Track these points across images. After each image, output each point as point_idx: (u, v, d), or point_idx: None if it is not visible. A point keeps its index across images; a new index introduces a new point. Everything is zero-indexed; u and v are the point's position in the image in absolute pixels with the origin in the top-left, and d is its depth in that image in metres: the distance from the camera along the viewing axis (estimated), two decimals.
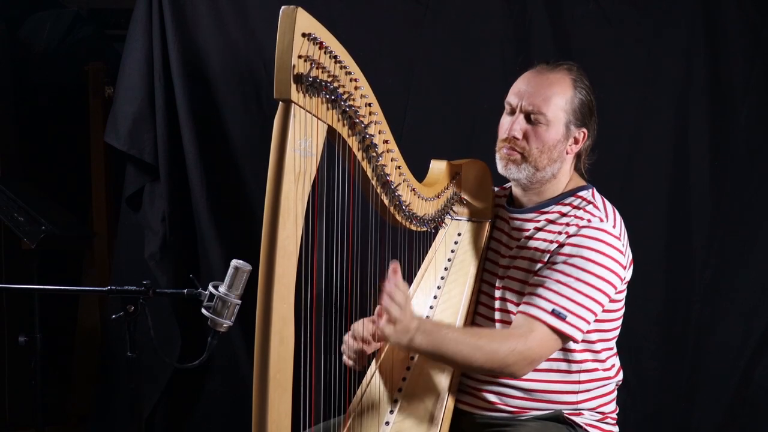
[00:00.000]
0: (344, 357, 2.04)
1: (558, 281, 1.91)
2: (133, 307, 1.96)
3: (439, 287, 2.15)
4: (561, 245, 1.95)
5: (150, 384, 3.11)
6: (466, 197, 2.21)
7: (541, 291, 1.92)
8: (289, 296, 1.56)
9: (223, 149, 3.06)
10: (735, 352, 2.92)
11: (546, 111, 1.98)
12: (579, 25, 2.94)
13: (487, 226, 2.18)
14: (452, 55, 3.00)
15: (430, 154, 2.23)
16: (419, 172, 2.20)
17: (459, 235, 2.22)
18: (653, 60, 2.91)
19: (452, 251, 2.20)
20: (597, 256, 1.91)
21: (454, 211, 2.23)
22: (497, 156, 2.06)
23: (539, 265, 1.97)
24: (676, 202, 2.93)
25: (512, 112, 2.03)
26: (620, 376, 2.11)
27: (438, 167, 2.18)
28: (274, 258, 1.53)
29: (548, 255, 1.96)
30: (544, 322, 1.90)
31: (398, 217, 2.01)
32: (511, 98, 2.04)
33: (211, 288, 1.92)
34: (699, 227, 2.92)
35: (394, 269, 1.78)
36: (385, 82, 2.99)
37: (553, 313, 1.89)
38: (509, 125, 2.02)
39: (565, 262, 1.92)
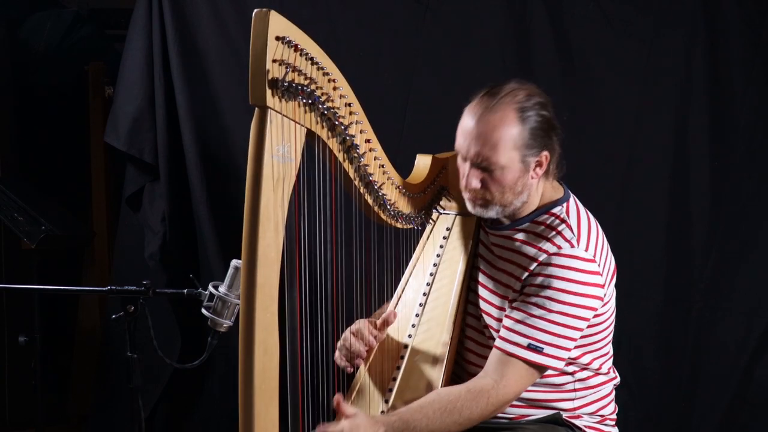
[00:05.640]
0: (337, 356, 2.01)
1: (532, 315, 1.88)
2: (133, 307, 1.96)
3: (428, 284, 2.13)
4: (532, 274, 1.91)
5: (150, 384, 3.11)
6: (453, 191, 2.18)
7: (515, 326, 1.89)
8: (272, 305, 1.54)
9: (223, 149, 3.06)
10: (735, 352, 2.92)
11: (496, 159, 1.89)
12: (579, 25, 2.94)
13: (475, 219, 2.13)
14: (452, 55, 3.00)
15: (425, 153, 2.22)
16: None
17: (447, 230, 2.19)
18: (653, 60, 2.91)
19: (441, 247, 2.17)
20: (570, 286, 1.87)
21: (441, 206, 2.20)
22: (464, 197, 2.00)
23: (512, 293, 1.95)
24: (676, 203, 2.93)
25: (465, 159, 1.95)
26: (618, 378, 2.11)
27: (423, 162, 2.15)
28: (255, 267, 1.51)
29: (521, 283, 1.93)
30: (521, 358, 1.88)
31: (384, 216, 1.99)
32: (459, 145, 1.95)
33: (211, 288, 1.92)
34: (699, 227, 2.92)
35: (337, 402, 1.79)
36: (385, 82, 2.99)
37: (530, 347, 1.87)
38: (465, 176, 1.94)
39: (537, 294, 1.89)
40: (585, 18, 2.93)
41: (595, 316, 1.94)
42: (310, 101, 1.62)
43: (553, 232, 1.93)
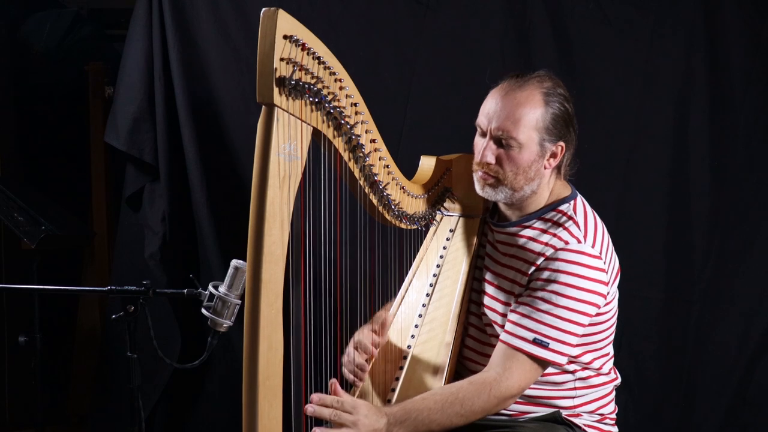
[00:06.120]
0: (345, 371, 2.03)
1: (538, 309, 1.89)
2: (133, 307, 1.96)
3: (431, 284, 2.13)
4: (539, 269, 1.92)
5: (150, 384, 3.11)
6: (457, 193, 2.19)
7: (521, 320, 1.90)
8: (277, 301, 1.55)
9: (223, 149, 3.06)
10: (735, 352, 2.92)
11: (516, 134, 1.92)
12: (579, 25, 2.94)
13: (478, 222, 2.15)
14: (452, 55, 3.00)
15: (430, 154, 2.22)
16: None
17: (451, 231, 2.20)
18: (653, 60, 2.91)
19: (444, 248, 2.18)
20: (576, 281, 1.89)
21: (445, 208, 2.22)
22: (474, 177, 2.02)
23: (518, 288, 1.96)
24: (676, 203, 2.93)
25: (484, 135, 1.98)
26: (619, 379, 2.11)
27: (428, 163, 2.17)
28: (261, 263, 1.53)
29: (527, 278, 1.94)
30: (526, 352, 1.89)
31: (388, 216, 2.00)
32: (481, 120, 1.98)
33: (211, 288, 1.92)
34: (699, 227, 2.92)
35: (333, 386, 1.77)
36: (385, 82, 2.99)
37: (535, 342, 1.88)
38: (481, 150, 1.97)
39: (543, 289, 1.90)
40: (585, 18, 2.93)
41: (598, 314, 1.94)
42: (316, 100, 1.63)
43: (560, 228, 1.95)
